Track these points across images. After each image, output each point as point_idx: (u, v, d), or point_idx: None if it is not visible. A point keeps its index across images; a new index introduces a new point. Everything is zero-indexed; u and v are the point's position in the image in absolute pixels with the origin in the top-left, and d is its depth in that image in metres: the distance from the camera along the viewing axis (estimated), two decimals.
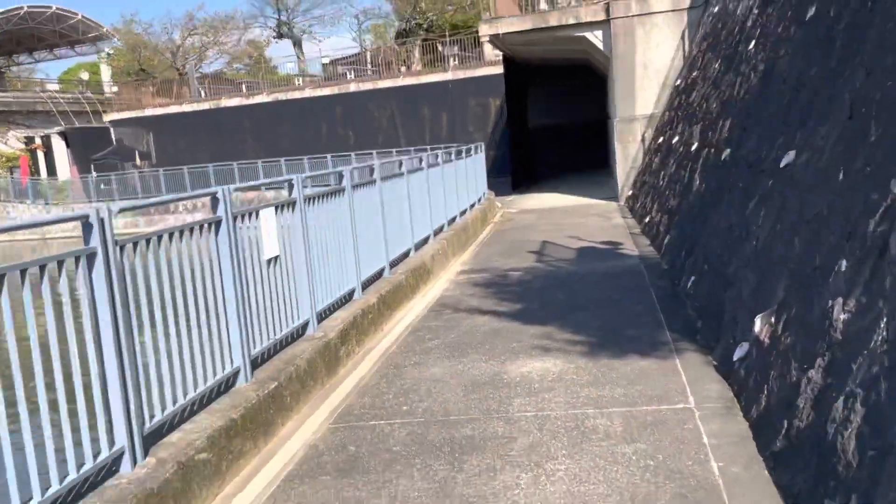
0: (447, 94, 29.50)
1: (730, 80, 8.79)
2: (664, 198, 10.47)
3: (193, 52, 42.74)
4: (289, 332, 5.42)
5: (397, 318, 7.36)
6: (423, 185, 10.18)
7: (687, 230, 7.86)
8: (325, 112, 31.39)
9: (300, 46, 40.94)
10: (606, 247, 10.37)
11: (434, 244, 10.05)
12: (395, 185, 8.75)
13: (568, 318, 6.58)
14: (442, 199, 11.34)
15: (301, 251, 5.68)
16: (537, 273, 8.91)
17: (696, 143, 9.41)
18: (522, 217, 15.24)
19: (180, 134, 35.04)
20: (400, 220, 8.82)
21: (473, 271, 9.55)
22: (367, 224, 7.48)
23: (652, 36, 15.60)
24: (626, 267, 8.70)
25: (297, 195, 5.68)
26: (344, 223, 6.77)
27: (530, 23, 16.30)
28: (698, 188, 8.15)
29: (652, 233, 10.28)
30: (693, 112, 10.90)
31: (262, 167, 30.54)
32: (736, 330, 4.74)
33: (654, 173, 12.82)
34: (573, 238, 11.50)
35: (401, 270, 8.24)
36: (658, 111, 15.63)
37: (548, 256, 10.05)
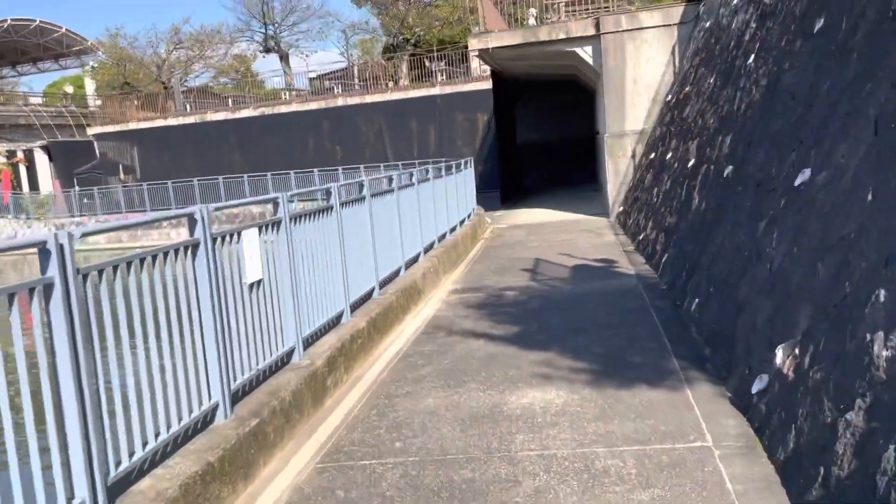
0: (435, 108, 29.29)
1: (728, 94, 8.57)
2: (659, 215, 10.22)
3: (179, 66, 42.31)
4: (273, 360, 5.06)
5: (388, 342, 7.01)
6: (414, 202, 9.87)
7: (687, 249, 7.59)
8: (312, 126, 31.07)
9: (287, 61, 40.63)
10: (601, 265, 10.09)
11: (425, 262, 9.72)
12: (385, 202, 8.43)
13: (568, 342, 6.26)
14: (432, 216, 11.04)
15: (287, 273, 5.33)
16: (532, 293, 8.60)
17: (693, 159, 9.17)
18: (513, 233, 14.96)
19: (165, 148, 34.58)
20: (390, 237, 8.50)
21: (466, 291, 9.23)
22: (357, 243, 7.15)
23: (642, 51, 15.45)
24: (623, 287, 8.41)
25: (282, 214, 5.34)
26: (332, 243, 6.43)
27: (520, 37, 16.11)
28: (698, 206, 7.89)
29: (647, 251, 10.01)
30: (688, 128, 10.68)
31: (249, 182, 30.17)
32: (752, 360, 4.44)
33: (646, 189, 12.59)
34: (566, 255, 11.22)
35: (391, 291, 7.90)
36: (648, 127, 15.45)
37: (542, 275, 9.75)
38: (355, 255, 7.06)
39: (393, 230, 8.68)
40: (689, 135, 10.30)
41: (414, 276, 8.78)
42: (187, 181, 31.47)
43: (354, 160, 29.70)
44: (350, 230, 6.94)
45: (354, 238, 7.08)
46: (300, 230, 5.71)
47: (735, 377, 4.62)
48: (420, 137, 29.65)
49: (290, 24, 40.43)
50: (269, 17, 38.95)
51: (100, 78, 46.95)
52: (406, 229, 9.25)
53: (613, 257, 10.60)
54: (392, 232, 8.63)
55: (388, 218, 8.47)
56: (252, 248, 4.83)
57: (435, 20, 34.43)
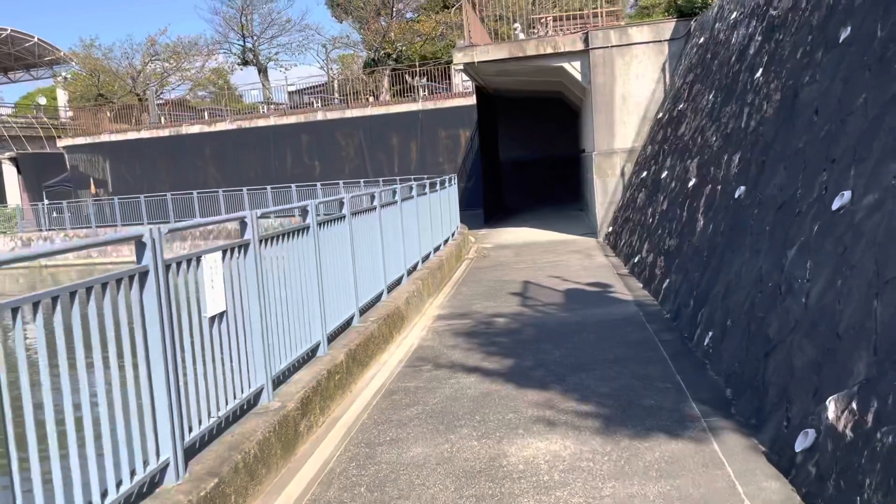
0: (417, 124, 28.79)
1: (732, 111, 8.09)
2: (656, 237, 9.69)
3: (155, 78, 41.41)
4: (237, 405, 4.39)
5: (369, 376, 6.35)
6: (397, 220, 9.25)
7: (694, 276, 7.04)
8: (291, 141, 30.39)
9: (265, 74, 39.93)
10: (596, 289, 9.52)
11: (409, 285, 9.09)
12: (367, 221, 7.81)
13: (569, 379, 5.65)
14: (416, 235, 10.42)
15: (255, 303, 4.68)
16: (525, 320, 8.00)
17: (695, 178, 8.67)
18: (498, 253, 14.38)
19: (138, 161, 33.66)
20: (371, 259, 7.87)
21: (453, 317, 8.60)
22: (335, 266, 6.51)
23: (632, 67, 15.05)
24: (623, 315, 7.83)
25: (250, 235, 4.69)
26: (308, 267, 5.79)
27: (506, 51, 15.64)
28: (704, 229, 7.36)
29: (644, 275, 9.47)
30: (685, 146, 10.20)
31: (224, 197, 29.34)
32: (791, 410, 3.86)
33: (639, 210, 12.09)
34: (557, 279, 10.65)
35: (372, 318, 7.25)
36: (638, 145, 15.02)
37: (533, 300, 9.16)
38: (334, 280, 6.42)
39: (375, 251, 8.06)
40: (687, 153, 9.82)
41: (397, 301, 8.14)
42: (160, 196, 30.56)
43: (334, 176, 29.05)
44: (328, 252, 6.30)
45: (333, 261, 6.44)
46: (272, 253, 5.06)
47: (770, 428, 4.04)
48: (401, 153, 29.10)
49: (268, 37, 39.81)
50: (247, 30, 38.28)
51: (73, 89, 45.92)
52: (389, 250, 8.63)
53: (607, 281, 10.05)
54: (374, 253, 8.00)
55: (369, 238, 7.85)
56: (214, 275, 4.17)
57: (417, 35, 34.02)
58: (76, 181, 35.90)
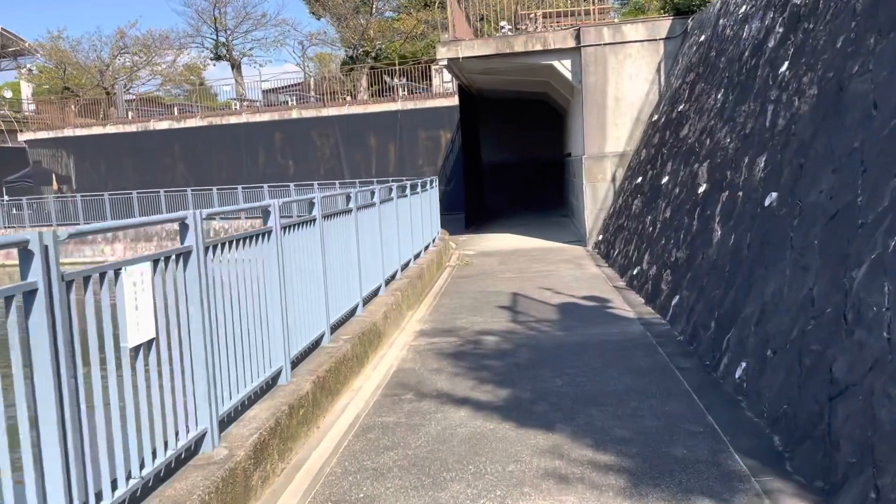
0: (396, 124, 27.86)
1: (750, 109, 7.30)
2: (659, 248, 8.88)
3: (124, 72, 39.95)
4: (170, 458, 3.44)
5: (339, 407, 5.42)
6: (375, 224, 8.32)
7: (714, 293, 6.21)
8: (264, 139, 29.28)
9: (239, 70, 38.72)
10: (592, 304, 8.67)
11: (387, 297, 8.16)
12: (341, 225, 6.87)
13: (579, 417, 4.77)
14: (395, 241, 9.50)
15: (198, 326, 3.73)
16: (518, 339, 7.11)
17: (706, 184, 7.86)
18: (482, 261, 13.50)
19: (103, 157, 32.28)
20: (346, 268, 6.93)
21: (436, 333, 7.69)
22: (303, 277, 5.57)
23: (625, 67, 14.29)
24: (628, 335, 6.98)
25: (192, 241, 3.74)
26: (270, 278, 4.85)
27: (493, 47, 14.79)
28: (723, 240, 6.54)
29: (646, 289, 8.64)
30: (689, 149, 9.42)
31: (192, 196, 28.12)
32: (882, 477, 3.01)
33: (635, 217, 11.29)
34: (548, 290, 9.79)
35: (346, 336, 6.32)
36: (631, 149, 14.25)
37: (524, 315, 8.28)
38: (301, 294, 5.47)
39: (349, 259, 7.12)
40: (692, 157, 9.03)
41: (374, 315, 7.21)
42: (126, 193, 29.26)
43: (308, 176, 27.99)
44: (294, 261, 5.36)
45: (300, 272, 5.50)
46: (222, 263, 4.12)
47: (850, 499, 3.18)
48: (379, 154, 28.14)
49: (243, 32, 38.55)
50: (220, 23, 37.02)
51: (38, 82, 44.26)
52: (366, 257, 7.70)
53: (604, 294, 9.20)
54: (348, 261, 7.07)
55: (343, 244, 6.91)
56: (139, 293, 3.22)
57: (396, 34, 33.10)
58: (38, 177, 34.36)
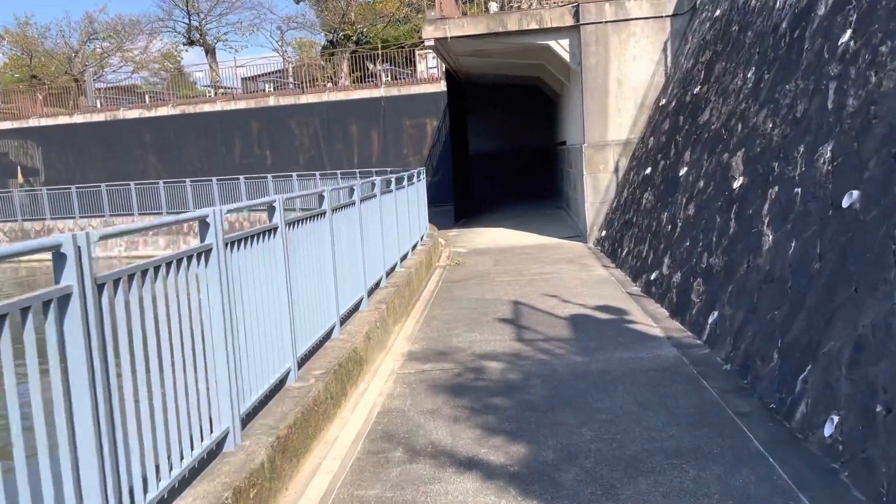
0: (379, 112, 26.51)
1: (798, 89, 6.13)
2: (683, 250, 7.73)
3: (93, 59, 38.17)
4: None
5: (308, 472, 4.21)
6: (355, 227, 7.10)
7: (770, 314, 5.05)
8: (240, 128, 27.83)
9: (213, 55, 37.01)
10: (608, 316, 7.51)
11: (369, 312, 6.95)
12: (313, 232, 5.64)
13: (623, 495, 3.60)
14: (380, 244, 8.28)
15: (85, 396, 2.51)
16: (527, 366, 5.93)
17: (743, 178, 6.70)
18: (475, 261, 12.31)
19: (71, 148, 30.67)
20: (319, 282, 5.71)
21: (428, 356, 6.49)
22: (261, 301, 4.34)
23: (628, 47, 13.09)
24: (661, 361, 5.81)
25: (73, 280, 2.50)
26: (212, 314, 3.62)
27: (484, 26, 13.53)
28: (778, 248, 5.38)
29: (670, 298, 7.49)
30: (714, 136, 8.25)
31: (165, 189, 26.68)
32: None
33: (646, 213, 10.13)
34: (553, 298, 8.62)
35: (318, 370, 5.11)
36: (635, 136, 13.09)
37: (530, 331, 7.10)
38: (256, 327, 4.25)
39: (324, 272, 5.90)
40: (719, 145, 7.86)
41: (354, 338, 5.99)
42: (94, 187, 27.74)
43: (287, 167, 26.63)
44: (247, 283, 4.13)
45: (256, 296, 4.27)
46: (115, 304, 2.89)
47: None
48: (361, 144, 26.80)
49: (217, 15, 36.82)
50: (193, 6, 35.32)
51: (5, 70, 42.37)
52: (344, 268, 6.48)
53: (619, 303, 8.04)
54: (322, 274, 5.84)
55: (316, 254, 5.68)
56: None
57: (379, 17, 31.65)
58: (3, 169, 32.70)
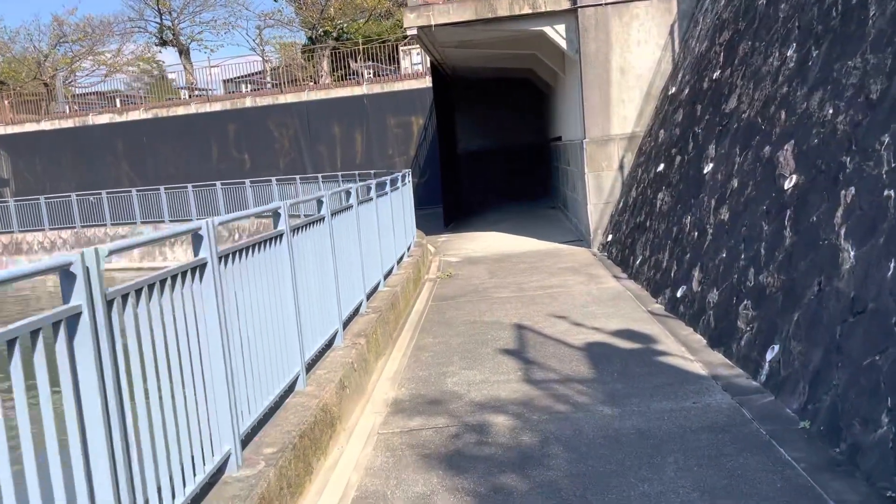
0: (362, 111, 25.22)
1: (870, 65, 4.93)
2: (717, 262, 6.52)
3: (64, 63, 36.62)
4: None
5: None
6: (326, 247, 5.85)
7: (870, 360, 3.84)
8: (216, 131, 26.47)
9: (188, 56, 35.53)
10: (632, 345, 6.29)
11: (345, 351, 5.71)
12: (270, 260, 4.39)
13: None
14: (358, 264, 7.04)
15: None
16: (543, 423, 4.70)
17: (796, 175, 5.50)
18: (468, 272, 11.08)
19: (39, 157, 29.22)
20: (277, 322, 4.46)
21: (416, 407, 5.25)
22: (198, 355, 3.09)
23: (632, 31, 11.89)
24: (713, 414, 4.59)
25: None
26: (83, 412, 2.37)
27: (472, 11, 12.29)
28: (868, 268, 4.17)
29: (706, 322, 6.28)
30: (748, 126, 7.05)
31: (139, 198, 25.28)
32: None
33: (663, 216, 8.93)
34: (562, 320, 7.41)
35: (272, 446, 3.86)
36: (642, 129, 11.90)
37: (541, 367, 5.87)
38: (189, 386, 2.99)
39: (283, 306, 4.65)
40: (756, 136, 6.66)
41: (323, 390, 4.74)
42: (64, 196, 26.32)
43: (267, 171, 25.31)
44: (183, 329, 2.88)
45: (191, 348, 3.02)
46: None
47: None
48: (344, 145, 25.50)
49: (190, 13, 35.25)
50: (164, 5, 33.82)
51: None
52: (310, 301, 5.23)
53: (642, 327, 6.83)
54: (282, 314, 4.59)
55: (275, 291, 4.43)
56: None
57: (359, 12, 30.33)
58: None
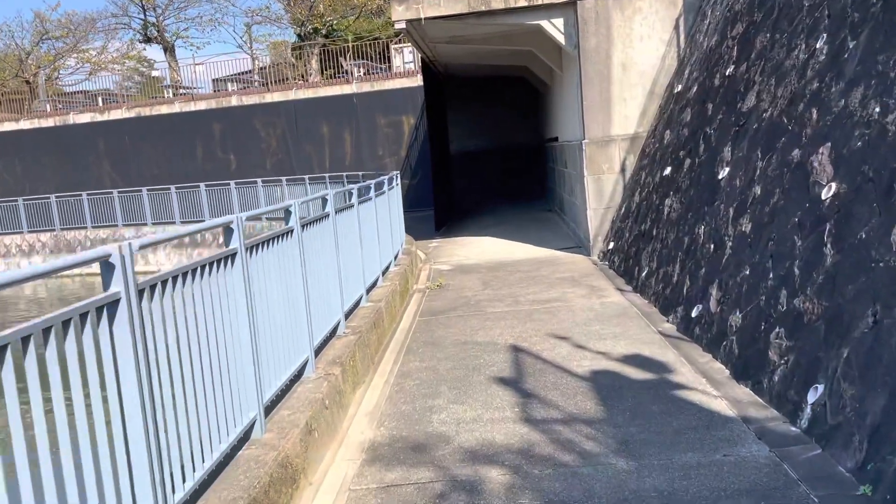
0: (352, 110, 24.44)
1: None
2: (739, 280, 5.79)
3: (47, 60, 35.68)
4: None
5: None
6: (295, 265, 5.09)
7: None
8: (201, 131, 25.66)
9: (173, 53, 34.63)
10: (643, 375, 5.55)
11: (315, 384, 4.96)
12: (227, 284, 3.64)
13: None
14: (336, 279, 6.28)
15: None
16: (545, 480, 3.95)
17: (836, 184, 4.77)
18: (460, 282, 10.34)
19: (19, 157, 28.33)
20: (234, 361, 3.71)
21: (396, 454, 4.50)
22: None
23: (634, 25, 11.17)
24: (750, 472, 3.86)
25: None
26: None
27: (464, 4, 11.54)
28: None
29: (727, 349, 5.55)
30: (772, 126, 6.33)
31: (120, 199, 24.47)
32: None
33: (672, 224, 8.21)
34: (563, 341, 6.67)
35: None
36: (644, 130, 11.19)
37: (541, 402, 5.13)
38: None
39: (239, 342, 3.89)
40: (780, 138, 5.93)
41: (286, 438, 3.99)
42: (43, 198, 25.47)
43: (253, 172, 24.52)
44: None
45: None
46: None
47: None
48: (333, 145, 24.72)
49: (175, 9, 34.30)
50: (148, 0, 32.87)
51: None
52: (273, 329, 4.47)
53: (653, 351, 6.09)
54: (237, 346, 3.84)
55: (222, 323, 3.68)
56: None
57: (349, 8, 29.54)
58: None
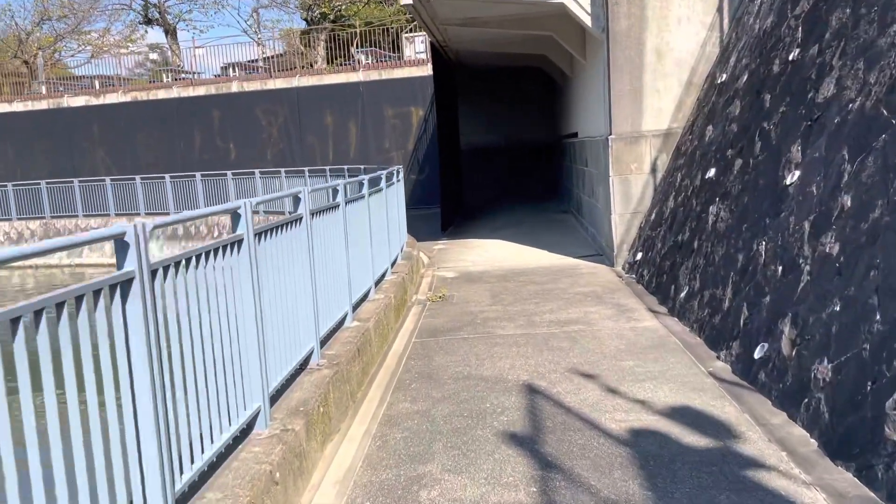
0: (357, 99, 23.19)
1: None
2: (830, 319, 4.51)
3: (47, 42, 34.62)
4: None
5: None
6: (243, 289, 3.84)
7: None
8: (200, 118, 24.49)
9: (174, 36, 33.47)
10: (699, 440, 4.28)
11: (265, 446, 3.70)
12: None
13: None
14: (310, 300, 5.02)
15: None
16: None
17: None
18: (465, 293, 9.08)
19: (11, 141, 27.25)
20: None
21: None
22: None
23: (672, 6, 9.86)
24: None
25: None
26: None
27: None
28: None
29: (811, 407, 4.27)
30: (861, 121, 5.03)
31: (113, 188, 23.32)
32: None
33: (720, 237, 6.92)
34: (590, 380, 5.41)
35: None
36: (680, 125, 9.88)
37: (565, 477, 3.87)
38: None
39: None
40: (877, 136, 4.63)
41: None
42: (33, 184, 24.37)
43: (252, 162, 23.32)
44: None
45: None
46: None
47: None
48: (337, 136, 23.46)
49: None
50: None
51: None
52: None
53: (706, 404, 4.81)
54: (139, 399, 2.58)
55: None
56: None
57: None
58: None
